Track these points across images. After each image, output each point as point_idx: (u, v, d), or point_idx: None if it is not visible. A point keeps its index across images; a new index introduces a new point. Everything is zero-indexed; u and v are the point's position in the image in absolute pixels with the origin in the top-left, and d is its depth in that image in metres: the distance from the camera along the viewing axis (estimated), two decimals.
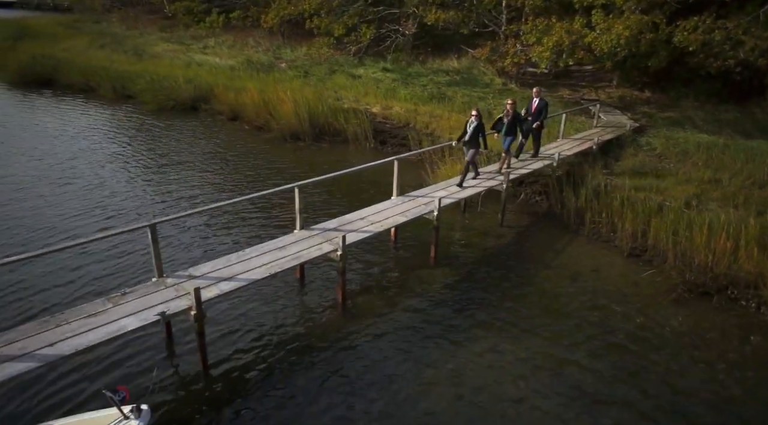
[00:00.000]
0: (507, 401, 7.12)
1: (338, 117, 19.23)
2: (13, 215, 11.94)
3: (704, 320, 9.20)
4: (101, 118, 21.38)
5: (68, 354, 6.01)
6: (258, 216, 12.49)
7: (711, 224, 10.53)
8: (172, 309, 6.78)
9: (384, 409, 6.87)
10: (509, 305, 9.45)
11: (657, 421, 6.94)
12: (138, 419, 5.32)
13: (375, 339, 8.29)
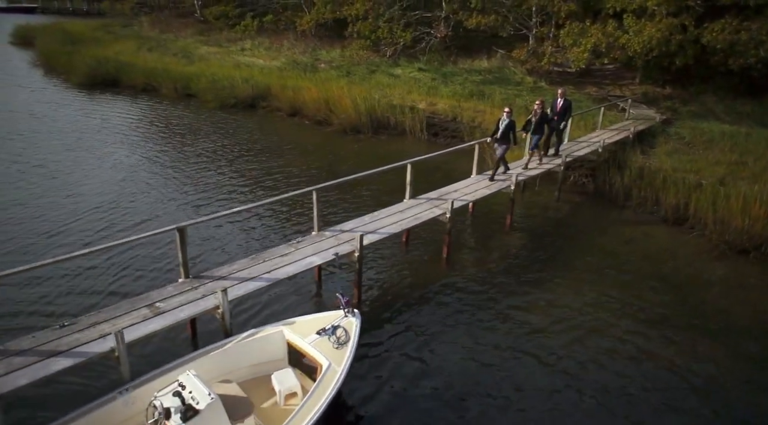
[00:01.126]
0: (586, 325, 9.14)
1: (394, 112, 21.28)
2: (127, 199, 14.01)
3: (744, 270, 11.25)
4: (173, 115, 23.45)
5: (282, 278, 8.09)
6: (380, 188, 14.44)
7: (746, 195, 12.53)
8: (342, 251, 8.86)
9: (501, 337, 8.90)
10: (576, 261, 11.51)
11: (715, 339, 8.94)
12: (354, 317, 7.35)
13: (481, 283, 10.33)
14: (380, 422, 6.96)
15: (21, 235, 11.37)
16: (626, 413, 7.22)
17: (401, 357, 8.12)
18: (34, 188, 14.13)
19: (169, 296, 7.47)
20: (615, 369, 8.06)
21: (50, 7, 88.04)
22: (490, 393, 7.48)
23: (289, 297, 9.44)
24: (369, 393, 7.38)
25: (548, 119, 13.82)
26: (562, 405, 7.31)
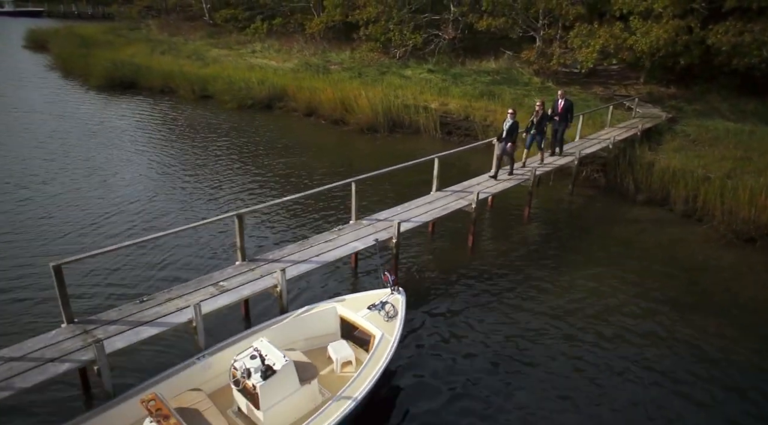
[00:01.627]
0: (604, 304, 9.87)
1: (409, 111, 22.04)
2: (159, 195, 14.75)
3: (751, 257, 12.00)
4: (194, 116, 24.18)
5: (330, 261, 8.83)
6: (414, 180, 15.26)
7: (752, 187, 13.27)
8: (381, 237, 9.59)
9: (525, 314, 9.63)
10: (592, 248, 12.25)
11: (725, 317, 9.66)
12: (400, 294, 8.08)
13: (504, 268, 11.06)
14: (426, 386, 7.66)
15: (78, 224, 12.15)
16: (644, 377, 7.93)
17: (438, 329, 8.87)
18: (83, 184, 14.87)
19: (230, 277, 8.20)
20: (633, 341, 8.78)
21: (56, 10, 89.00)
22: (520, 359, 8.20)
23: (331, 278, 10.20)
24: (414, 360, 8.10)
25: (548, 118, 14.29)
26: (585, 371, 8.03)
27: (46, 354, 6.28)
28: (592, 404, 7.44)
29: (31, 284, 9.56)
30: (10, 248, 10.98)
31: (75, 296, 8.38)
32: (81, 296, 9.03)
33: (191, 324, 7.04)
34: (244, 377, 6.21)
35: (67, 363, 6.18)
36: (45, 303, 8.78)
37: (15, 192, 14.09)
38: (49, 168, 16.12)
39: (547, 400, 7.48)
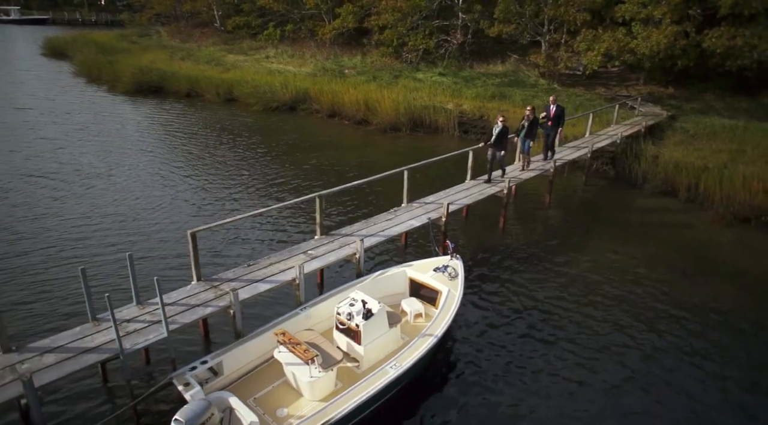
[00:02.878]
0: (620, 276, 11.51)
1: (428, 112, 23.69)
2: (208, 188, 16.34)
3: (747, 234, 13.72)
4: (224, 118, 25.73)
5: (393, 235, 10.43)
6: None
7: (746, 175, 14.97)
8: (432, 217, 11.22)
9: (553, 283, 11.25)
10: (607, 229, 13.91)
11: (727, 282, 11.32)
12: (458, 260, 9.68)
13: (532, 246, 12.69)
14: (473, 329, 9.27)
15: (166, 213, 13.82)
16: (657, 332, 9.55)
17: (482, 293, 10.47)
18: (193, 172, 16.47)
19: (314, 247, 9.79)
20: (647, 305, 10.40)
21: (61, 18, 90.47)
22: (550, 319, 9.82)
23: (391, 249, 11.85)
24: (468, 315, 9.71)
25: (537, 123, 14.68)
26: (602, 329, 9.63)
27: (191, 301, 7.86)
28: (621, 351, 9.06)
29: (166, 251, 11.63)
30: (153, 219, 13.47)
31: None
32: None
33: (294, 281, 8.62)
34: (348, 319, 7.79)
35: (210, 307, 7.75)
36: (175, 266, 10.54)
37: (148, 180, 15.66)
38: (143, 161, 17.85)
39: (571, 343, 9.10)
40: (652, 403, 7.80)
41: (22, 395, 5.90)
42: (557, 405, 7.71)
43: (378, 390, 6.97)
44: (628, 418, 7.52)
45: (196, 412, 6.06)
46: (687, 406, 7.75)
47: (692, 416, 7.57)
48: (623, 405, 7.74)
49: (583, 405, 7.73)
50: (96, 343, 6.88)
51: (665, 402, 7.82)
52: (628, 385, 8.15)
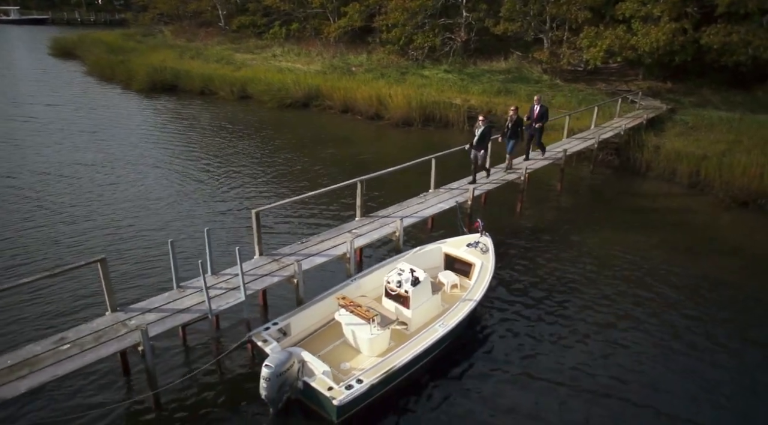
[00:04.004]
0: (629, 254, 12.58)
1: (439, 107, 24.72)
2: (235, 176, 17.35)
3: (745, 216, 14.87)
4: (241, 114, 26.70)
5: (425, 216, 11.47)
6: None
7: (744, 162, 16.11)
8: (460, 200, 12.26)
9: (568, 258, 12.31)
10: (615, 212, 15.02)
11: (727, 258, 12.41)
12: (488, 237, 10.72)
13: (547, 227, 13.75)
14: (502, 299, 10.32)
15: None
16: (665, 301, 10.63)
17: (507, 267, 11.51)
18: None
19: (357, 227, 10.81)
20: (658, 277, 11.47)
21: (60, 18, 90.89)
22: (570, 289, 10.88)
23: (421, 230, 12.78)
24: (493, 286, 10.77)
25: (521, 124, 14.58)
26: (617, 296, 10.71)
27: (258, 272, 8.86)
28: (634, 314, 10.14)
29: (230, 227, 13.04)
30: (217, 197, 15.07)
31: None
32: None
33: (345, 255, 9.65)
34: (398, 286, 8.82)
35: (276, 277, 8.77)
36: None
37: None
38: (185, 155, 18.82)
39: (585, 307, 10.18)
40: (668, 358, 8.88)
41: (138, 343, 6.88)
42: (577, 359, 8.78)
43: (429, 345, 8.00)
44: (643, 375, 8.58)
45: (282, 360, 7.08)
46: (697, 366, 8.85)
47: (704, 367, 8.66)
48: (646, 362, 8.81)
49: (598, 359, 8.80)
50: (185, 306, 7.88)
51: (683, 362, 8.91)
52: (642, 343, 9.23)
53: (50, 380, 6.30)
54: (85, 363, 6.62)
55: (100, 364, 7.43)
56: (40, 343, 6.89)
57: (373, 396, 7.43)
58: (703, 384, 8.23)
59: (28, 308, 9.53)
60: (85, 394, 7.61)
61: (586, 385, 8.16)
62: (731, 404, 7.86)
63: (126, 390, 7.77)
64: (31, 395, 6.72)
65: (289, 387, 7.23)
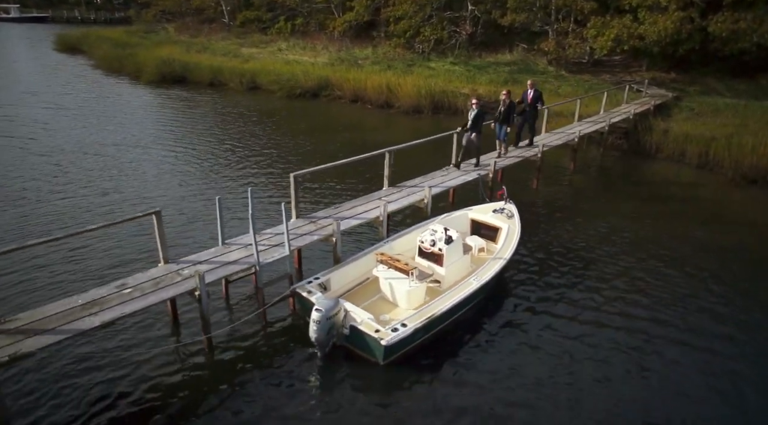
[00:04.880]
0: (641, 226, 12.99)
1: (447, 95, 25.12)
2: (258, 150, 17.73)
3: (754, 193, 15.34)
4: (253, 104, 27.03)
5: (454, 185, 11.86)
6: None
7: (753, 142, 16.55)
8: (482, 173, 12.65)
9: (580, 226, 12.71)
10: (626, 189, 15.45)
11: (736, 232, 12.80)
12: (512, 204, 11.10)
13: (562, 202, 14.14)
14: (525, 263, 10.71)
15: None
16: (672, 271, 11.03)
17: (527, 235, 11.89)
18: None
19: (386, 195, 11.18)
20: (672, 248, 11.85)
21: (60, 16, 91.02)
22: (588, 257, 11.27)
23: (443, 200, 13.10)
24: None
25: (513, 108, 14.04)
26: (632, 266, 11.09)
27: (296, 232, 9.23)
28: (645, 281, 10.53)
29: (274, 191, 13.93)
30: (242, 172, 16.09)
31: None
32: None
33: (378, 218, 10.02)
34: (431, 245, 9.19)
35: (315, 235, 9.14)
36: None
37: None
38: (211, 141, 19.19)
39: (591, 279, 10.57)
40: (681, 318, 9.28)
41: (195, 288, 7.24)
42: (599, 319, 9.17)
43: (465, 297, 8.38)
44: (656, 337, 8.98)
45: (330, 304, 7.45)
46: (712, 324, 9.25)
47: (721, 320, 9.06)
48: (660, 324, 9.19)
49: (605, 314, 9.20)
50: (231, 259, 8.23)
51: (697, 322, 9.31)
52: (656, 307, 9.62)
53: (119, 317, 6.65)
54: (147, 303, 6.96)
55: (153, 310, 7.85)
56: (104, 287, 7.24)
57: (416, 341, 7.81)
58: (717, 338, 8.63)
59: (88, 258, 10.40)
60: (145, 334, 8.11)
61: (604, 336, 8.56)
62: (746, 355, 8.26)
63: (179, 335, 8.16)
64: (101, 330, 7.08)
65: (336, 332, 7.60)
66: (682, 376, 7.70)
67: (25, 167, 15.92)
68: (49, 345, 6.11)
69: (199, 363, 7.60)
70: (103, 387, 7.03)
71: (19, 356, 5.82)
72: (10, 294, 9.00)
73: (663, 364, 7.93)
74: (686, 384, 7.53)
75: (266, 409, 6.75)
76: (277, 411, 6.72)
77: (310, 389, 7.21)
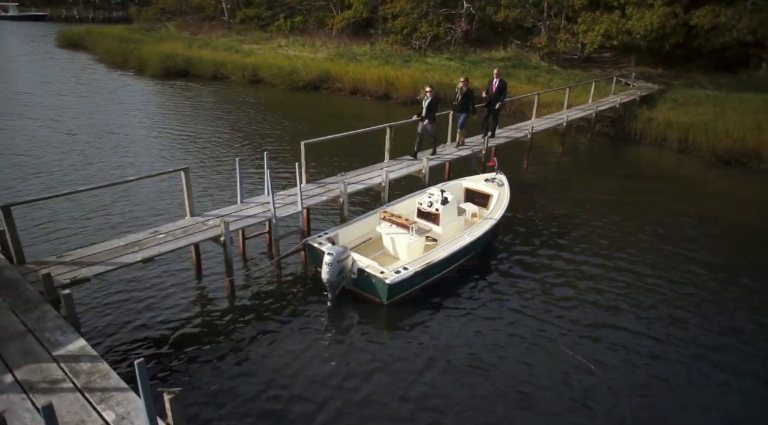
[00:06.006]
0: (625, 201, 14.06)
1: (444, 88, 26.13)
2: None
3: (728, 172, 16.53)
4: (257, 96, 27.99)
5: (446, 160, 12.87)
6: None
7: (727, 128, 17.68)
8: (476, 150, 13.67)
9: (569, 201, 13.76)
10: (612, 171, 16.52)
11: (713, 202, 13.90)
12: (502, 174, 12.11)
13: (551, 182, 15.19)
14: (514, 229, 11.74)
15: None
16: (662, 235, 12.09)
17: (517, 206, 12.92)
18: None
19: (387, 166, 12.16)
20: (654, 219, 12.91)
21: (58, 15, 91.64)
22: (574, 228, 12.32)
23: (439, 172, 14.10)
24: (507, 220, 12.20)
25: (472, 96, 13.73)
26: (614, 231, 12.15)
27: (307, 194, 10.22)
28: (628, 246, 11.58)
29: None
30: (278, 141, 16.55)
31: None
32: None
33: (380, 184, 11.03)
34: (429, 206, 10.21)
35: (324, 196, 10.14)
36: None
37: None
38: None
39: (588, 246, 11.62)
40: (658, 284, 10.33)
41: (220, 234, 8.22)
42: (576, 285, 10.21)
43: (459, 248, 9.38)
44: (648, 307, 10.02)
45: (340, 251, 8.43)
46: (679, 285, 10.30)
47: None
48: (643, 289, 10.24)
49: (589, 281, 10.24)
50: (251, 213, 9.22)
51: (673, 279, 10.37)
52: (640, 270, 10.67)
53: (156, 254, 7.61)
54: (179, 245, 7.95)
55: (179, 258, 8.87)
56: (140, 233, 8.22)
57: (415, 285, 8.81)
58: (691, 292, 9.68)
59: (122, 212, 11.89)
60: (174, 275, 9.25)
61: (587, 286, 9.60)
62: (717, 306, 9.31)
63: (201, 278, 9.16)
64: (140, 267, 8.06)
65: (345, 276, 8.58)
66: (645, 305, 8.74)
67: (56, 142, 17.61)
68: (101, 272, 7.07)
69: (222, 300, 8.60)
70: (141, 311, 8.19)
71: (79, 279, 6.78)
72: (59, 237, 10.40)
73: (634, 302, 8.99)
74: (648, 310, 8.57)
75: (280, 344, 7.63)
76: (289, 345, 7.61)
77: (319, 327, 8.14)
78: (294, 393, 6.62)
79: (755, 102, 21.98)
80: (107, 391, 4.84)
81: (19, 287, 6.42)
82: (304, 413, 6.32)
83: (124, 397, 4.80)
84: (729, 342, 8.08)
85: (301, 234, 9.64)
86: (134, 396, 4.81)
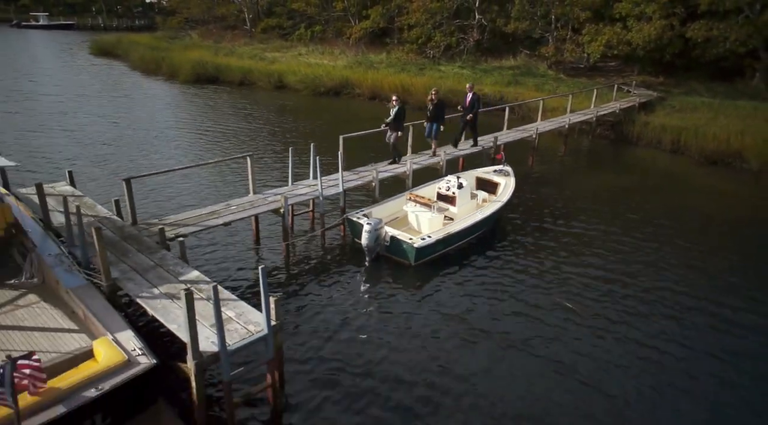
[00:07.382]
0: (623, 196, 15.94)
1: (457, 95, 28.18)
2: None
3: (714, 171, 18.38)
4: (284, 100, 30.24)
5: (460, 155, 14.87)
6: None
7: (715, 132, 19.54)
8: (486, 146, 15.66)
9: (571, 196, 15.67)
10: (610, 169, 18.43)
11: (699, 195, 15.75)
12: (508, 166, 14.06)
13: (555, 177, 17.11)
14: (520, 213, 13.66)
15: None
16: (641, 222, 13.95)
17: (523, 197, 14.84)
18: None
19: (411, 159, 14.19)
20: (646, 209, 14.76)
21: (84, 23, 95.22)
22: (564, 211, 14.22)
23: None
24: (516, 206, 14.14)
25: (443, 107, 14.30)
26: (611, 221, 14.04)
27: (346, 179, 12.25)
28: (621, 229, 13.49)
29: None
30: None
31: None
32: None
33: (405, 173, 13.05)
34: (447, 190, 12.21)
35: (359, 181, 12.17)
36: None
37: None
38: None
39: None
40: (648, 266, 12.23)
41: (280, 207, 10.29)
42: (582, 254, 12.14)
43: (472, 223, 11.36)
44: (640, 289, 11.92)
45: (376, 221, 10.45)
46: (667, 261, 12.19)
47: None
48: (638, 270, 12.14)
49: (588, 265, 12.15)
50: (300, 193, 11.29)
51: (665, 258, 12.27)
52: (635, 255, 12.58)
53: (233, 220, 9.70)
54: (249, 214, 10.06)
55: (244, 228, 10.98)
56: (217, 205, 10.31)
57: (437, 251, 10.79)
58: (678, 270, 11.57)
59: (197, 191, 14.32)
60: (243, 241, 11.40)
61: (582, 263, 11.53)
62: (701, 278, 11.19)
63: (261, 244, 11.23)
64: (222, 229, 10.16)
65: (380, 242, 10.58)
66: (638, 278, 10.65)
67: (126, 138, 20.38)
68: (193, 232, 9.16)
69: (279, 260, 10.65)
70: (221, 261, 10.46)
71: (180, 234, 8.85)
72: (155, 207, 13.05)
73: (624, 269, 10.90)
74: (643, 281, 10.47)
75: (327, 298, 9.51)
76: (334, 294, 9.59)
77: (358, 285, 10.08)
78: (339, 331, 8.59)
79: (747, 109, 23.79)
80: (223, 301, 6.86)
81: (140, 239, 8.50)
82: (347, 340, 8.31)
83: (235, 304, 6.84)
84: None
85: (341, 211, 11.67)
86: (241, 302, 6.84)
